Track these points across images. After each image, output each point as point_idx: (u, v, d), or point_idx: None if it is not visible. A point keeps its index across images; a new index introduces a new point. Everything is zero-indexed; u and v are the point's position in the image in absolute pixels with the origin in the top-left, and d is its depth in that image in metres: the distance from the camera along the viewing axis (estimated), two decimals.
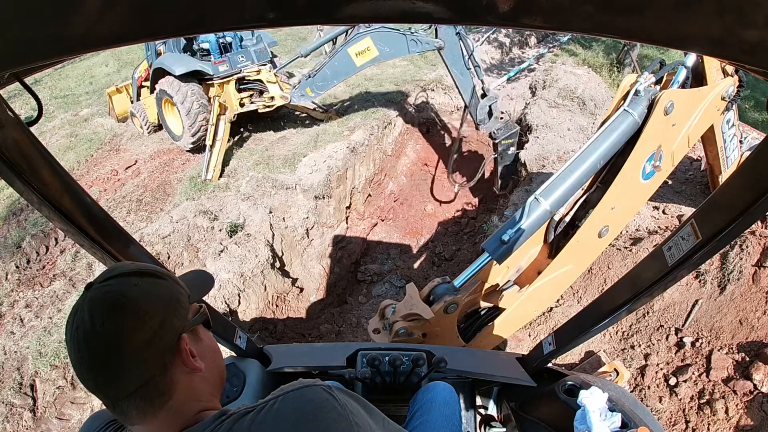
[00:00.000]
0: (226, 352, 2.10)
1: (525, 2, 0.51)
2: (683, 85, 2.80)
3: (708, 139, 3.76)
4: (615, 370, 3.74)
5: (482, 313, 3.29)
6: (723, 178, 4.17)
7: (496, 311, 3.21)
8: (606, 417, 1.55)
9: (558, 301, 4.72)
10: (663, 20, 0.50)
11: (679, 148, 2.83)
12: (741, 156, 4.09)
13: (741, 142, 4.06)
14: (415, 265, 7.51)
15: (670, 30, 0.52)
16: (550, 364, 2.04)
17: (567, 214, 3.14)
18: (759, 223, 4.22)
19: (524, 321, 3.34)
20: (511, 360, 2.14)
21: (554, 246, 3.23)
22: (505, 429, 2.18)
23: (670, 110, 2.58)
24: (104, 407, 0.82)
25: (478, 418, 2.30)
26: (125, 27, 0.57)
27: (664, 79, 2.86)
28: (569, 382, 1.81)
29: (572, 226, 3.09)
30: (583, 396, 1.62)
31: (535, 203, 2.79)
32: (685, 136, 2.78)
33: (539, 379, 1.98)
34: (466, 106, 6.71)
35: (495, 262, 2.88)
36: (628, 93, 2.74)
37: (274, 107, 7.73)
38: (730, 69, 3.00)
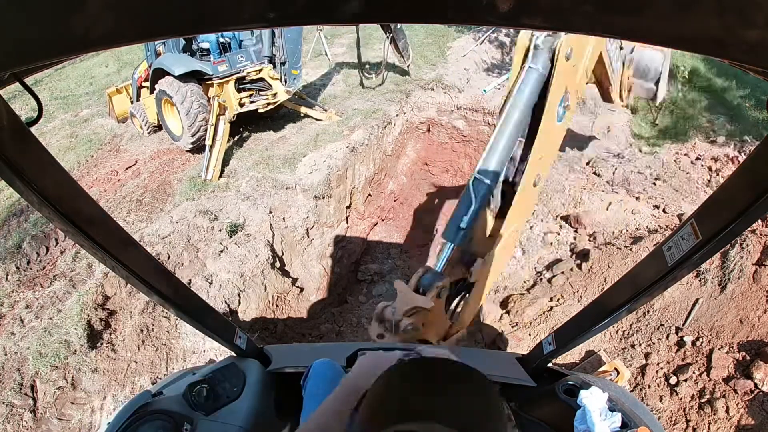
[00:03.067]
0: (226, 352, 2.10)
1: (525, 2, 0.50)
2: None
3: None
4: (615, 369, 3.74)
5: (457, 290, 3.43)
6: (613, 89, 4.75)
7: (465, 283, 3.36)
8: (606, 417, 1.55)
9: (558, 300, 4.73)
10: (663, 20, 0.50)
11: (581, 83, 3.12)
12: (623, 65, 4.72)
13: (621, 47, 4.55)
14: (415, 264, 7.51)
15: (670, 30, 0.52)
16: (550, 364, 2.04)
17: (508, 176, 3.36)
18: (759, 222, 4.23)
19: (493, 284, 3.66)
20: (511, 360, 2.14)
21: (498, 208, 3.39)
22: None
23: (570, 55, 2.79)
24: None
25: None
26: (125, 27, 0.57)
27: None
28: (569, 382, 1.81)
29: (506, 185, 3.23)
30: (583, 396, 1.62)
31: (476, 182, 2.98)
32: (583, 71, 3.07)
33: (539, 379, 1.97)
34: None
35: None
36: (527, 51, 2.90)
37: (276, 104, 7.73)
38: None
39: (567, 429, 1.59)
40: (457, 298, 3.33)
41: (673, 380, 3.73)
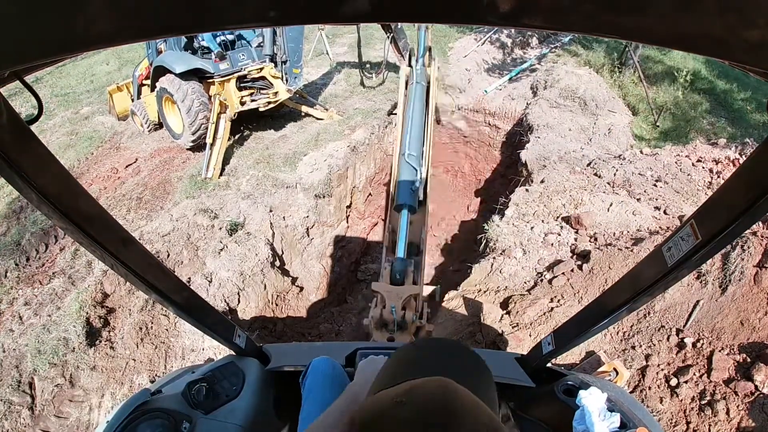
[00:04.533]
0: (225, 351, 2.10)
1: (525, 2, 0.50)
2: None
3: None
4: (614, 369, 3.74)
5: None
6: None
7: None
8: (605, 417, 1.54)
9: (558, 301, 4.72)
10: (664, 20, 0.50)
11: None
12: None
13: None
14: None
15: (671, 30, 0.51)
16: (549, 364, 2.04)
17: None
18: (760, 224, 4.22)
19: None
20: (510, 360, 2.13)
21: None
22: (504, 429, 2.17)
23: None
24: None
25: None
26: (126, 25, 0.57)
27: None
28: (568, 382, 1.81)
29: None
30: (582, 396, 1.61)
31: (408, 158, 4.25)
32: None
33: (538, 379, 1.97)
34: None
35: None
36: (408, 77, 4.63)
37: (277, 103, 7.73)
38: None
39: (566, 429, 1.59)
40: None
41: (673, 382, 3.72)
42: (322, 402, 1.54)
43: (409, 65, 5.36)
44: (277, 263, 5.93)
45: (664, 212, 5.26)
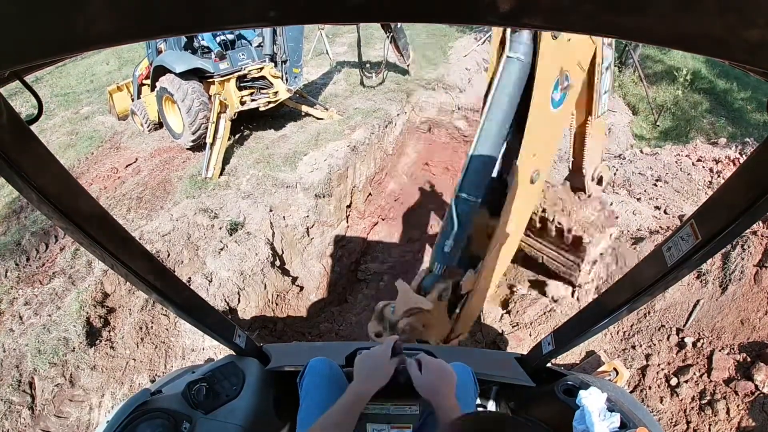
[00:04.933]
0: (225, 351, 2.10)
1: (525, 2, 0.50)
2: None
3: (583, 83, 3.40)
4: (614, 369, 3.74)
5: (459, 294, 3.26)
6: (592, 122, 3.84)
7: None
8: (605, 417, 1.54)
9: (558, 301, 4.72)
10: (664, 20, 0.50)
11: (584, 54, 2.70)
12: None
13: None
14: (416, 264, 7.51)
15: (672, 30, 0.51)
16: (549, 364, 2.04)
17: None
18: (760, 223, 4.23)
19: (493, 287, 3.34)
20: (510, 360, 2.13)
21: (492, 206, 3.09)
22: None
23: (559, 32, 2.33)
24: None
25: None
26: (126, 25, 0.57)
27: None
28: (568, 382, 1.81)
29: (499, 179, 2.92)
30: (582, 396, 1.61)
31: (459, 201, 2.72)
32: (584, 39, 2.64)
33: (538, 379, 1.97)
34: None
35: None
36: (503, 39, 2.47)
37: (277, 102, 7.74)
38: None
39: (566, 429, 1.59)
40: (461, 303, 3.21)
41: (673, 381, 3.73)
42: (319, 402, 1.54)
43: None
44: (277, 263, 5.93)
45: (665, 212, 5.26)
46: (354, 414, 1.32)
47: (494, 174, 2.91)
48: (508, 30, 2.38)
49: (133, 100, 9.15)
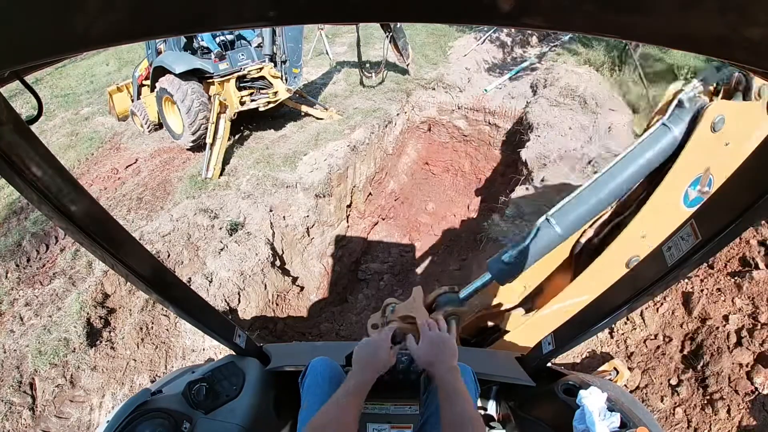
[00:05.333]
0: (225, 351, 2.10)
1: (526, 2, 0.50)
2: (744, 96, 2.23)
3: None
4: (615, 368, 3.73)
5: (489, 330, 3.11)
6: None
7: (501, 331, 2.99)
8: (605, 417, 1.54)
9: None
10: (665, 19, 0.50)
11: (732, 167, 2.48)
12: None
13: None
14: (416, 263, 7.51)
15: (672, 29, 0.51)
16: (549, 364, 2.04)
17: (596, 237, 2.76)
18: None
19: (527, 343, 2.90)
20: (510, 359, 2.14)
21: (576, 271, 2.84)
22: (504, 429, 2.18)
23: (719, 126, 2.10)
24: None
25: None
26: (125, 25, 0.57)
27: (722, 89, 2.27)
28: (568, 382, 1.81)
29: (599, 252, 2.63)
30: (583, 396, 1.62)
31: (545, 225, 2.46)
32: (741, 156, 2.41)
33: (538, 379, 1.97)
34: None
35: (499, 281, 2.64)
36: (666, 105, 2.28)
37: (277, 102, 7.74)
38: None
39: (566, 429, 1.59)
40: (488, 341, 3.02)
41: (674, 381, 3.73)
42: (321, 402, 1.54)
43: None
44: (278, 263, 5.93)
45: None
46: (355, 403, 1.30)
47: (595, 241, 2.72)
48: (680, 95, 2.21)
49: (132, 100, 9.15)
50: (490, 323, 3.15)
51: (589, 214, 2.44)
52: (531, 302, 3.07)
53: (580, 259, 2.84)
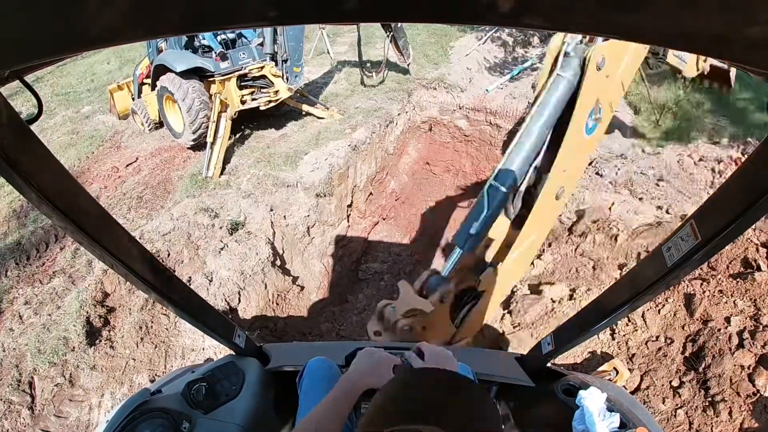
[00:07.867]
0: (225, 351, 2.10)
1: (526, 2, 0.50)
2: None
3: None
4: (614, 369, 3.73)
5: (466, 297, 3.33)
6: None
7: (475, 293, 3.26)
8: (605, 417, 1.54)
9: (560, 301, 4.72)
10: (666, 18, 0.50)
11: (615, 95, 2.94)
12: None
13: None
14: (416, 263, 7.51)
15: (672, 28, 0.51)
16: (549, 364, 2.04)
17: (521, 184, 3.13)
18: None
19: (503, 296, 3.55)
20: (509, 360, 2.13)
21: (517, 217, 3.26)
22: (504, 429, 2.17)
23: (602, 65, 2.61)
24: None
25: None
26: (126, 25, 0.57)
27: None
28: (568, 382, 1.81)
29: (528, 194, 3.10)
30: (582, 396, 1.61)
31: (492, 189, 2.89)
32: (619, 83, 2.89)
33: (538, 379, 1.97)
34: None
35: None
36: (557, 57, 2.75)
37: (278, 102, 7.74)
38: None
39: (565, 429, 1.59)
40: (466, 307, 3.25)
41: (675, 382, 3.72)
42: (316, 403, 1.54)
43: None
44: (278, 262, 5.93)
45: (666, 212, 5.25)
46: (347, 403, 1.28)
47: (523, 187, 3.05)
48: (564, 47, 2.66)
49: (133, 99, 9.14)
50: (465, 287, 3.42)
51: (522, 167, 2.88)
52: (497, 257, 3.36)
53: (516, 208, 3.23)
